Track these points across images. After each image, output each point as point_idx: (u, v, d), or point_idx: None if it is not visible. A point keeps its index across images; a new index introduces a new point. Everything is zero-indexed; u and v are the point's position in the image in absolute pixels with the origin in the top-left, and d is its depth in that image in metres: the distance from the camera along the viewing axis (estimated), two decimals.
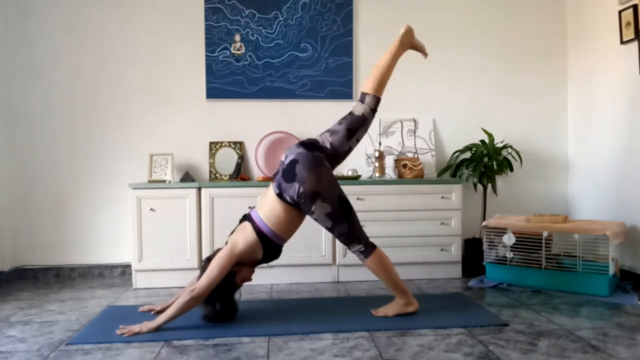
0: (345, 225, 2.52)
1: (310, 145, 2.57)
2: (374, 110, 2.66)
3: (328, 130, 2.65)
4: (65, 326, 2.55)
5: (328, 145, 2.59)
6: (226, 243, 2.56)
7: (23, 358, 2.14)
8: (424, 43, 2.86)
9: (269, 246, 2.53)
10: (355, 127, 2.62)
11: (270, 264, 3.31)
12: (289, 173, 2.49)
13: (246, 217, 2.59)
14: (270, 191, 2.57)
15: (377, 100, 2.65)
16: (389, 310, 2.63)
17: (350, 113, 2.66)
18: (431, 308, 2.73)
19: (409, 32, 2.72)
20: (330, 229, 2.55)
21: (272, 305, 2.88)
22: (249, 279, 2.64)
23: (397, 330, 2.40)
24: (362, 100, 2.65)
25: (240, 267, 2.54)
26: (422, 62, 3.85)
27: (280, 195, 2.51)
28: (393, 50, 2.69)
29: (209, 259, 2.53)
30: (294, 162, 2.51)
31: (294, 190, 2.46)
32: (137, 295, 3.16)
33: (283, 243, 2.61)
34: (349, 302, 2.90)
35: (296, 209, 2.54)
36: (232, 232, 2.62)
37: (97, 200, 3.67)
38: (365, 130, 2.68)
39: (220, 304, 2.49)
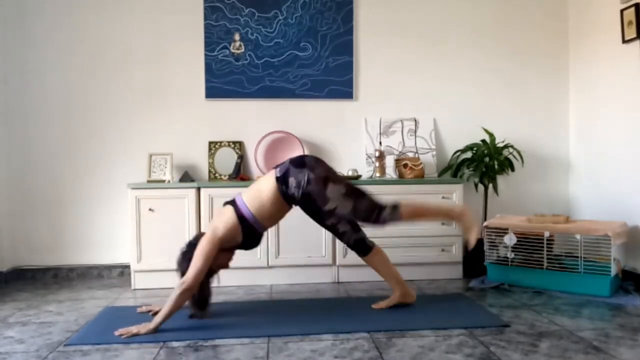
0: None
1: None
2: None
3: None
4: (64, 327, 2.54)
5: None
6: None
7: (21, 359, 2.13)
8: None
9: (248, 231, 2.52)
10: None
11: (271, 264, 3.33)
12: (298, 162, 2.57)
13: (229, 202, 2.60)
14: (266, 177, 2.59)
15: (396, 217, 2.61)
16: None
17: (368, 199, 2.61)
18: (432, 309, 2.72)
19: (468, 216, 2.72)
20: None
21: (271, 306, 2.87)
22: (227, 266, 2.64)
23: (397, 331, 2.39)
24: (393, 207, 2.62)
25: (219, 252, 2.54)
26: (423, 61, 3.85)
27: (281, 179, 2.52)
28: (445, 209, 2.75)
29: (190, 245, 2.53)
30: (302, 156, 2.61)
31: (303, 175, 2.50)
32: (136, 296, 3.15)
33: (262, 231, 2.60)
34: (349, 303, 2.89)
35: (284, 202, 2.55)
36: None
37: (96, 200, 3.66)
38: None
39: (197, 290, 2.48)
